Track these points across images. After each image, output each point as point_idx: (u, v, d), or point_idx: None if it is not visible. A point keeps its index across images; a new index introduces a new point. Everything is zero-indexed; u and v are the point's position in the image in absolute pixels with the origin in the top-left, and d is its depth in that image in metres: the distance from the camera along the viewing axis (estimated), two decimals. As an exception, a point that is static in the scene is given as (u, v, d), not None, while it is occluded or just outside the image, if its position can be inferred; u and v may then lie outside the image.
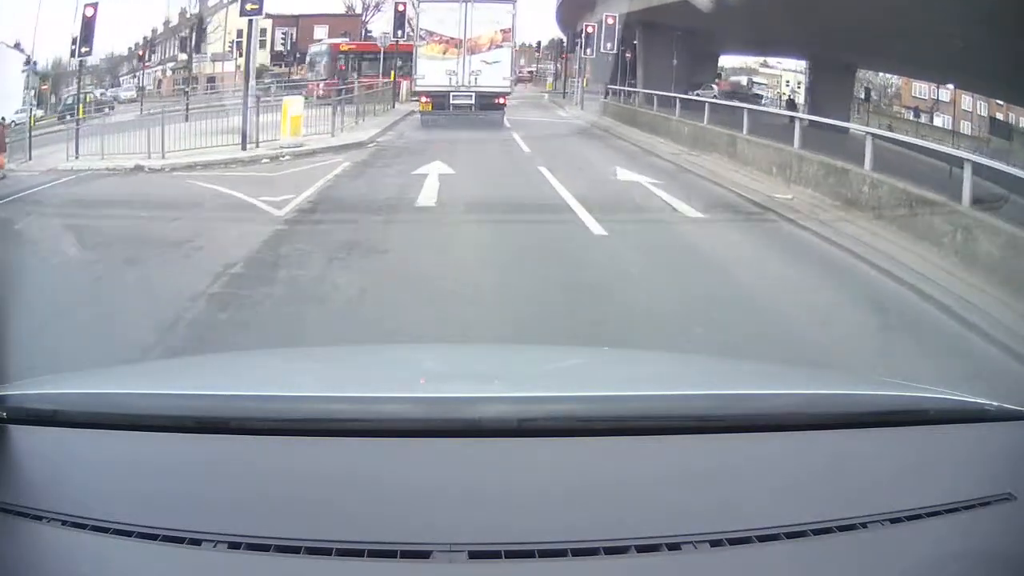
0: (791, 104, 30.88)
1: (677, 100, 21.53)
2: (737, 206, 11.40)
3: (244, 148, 16.13)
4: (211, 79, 36.70)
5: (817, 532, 1.26)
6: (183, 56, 34.84)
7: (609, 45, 28.25)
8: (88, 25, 17.66)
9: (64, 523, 1.24)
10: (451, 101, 22.60)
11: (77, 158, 15.27)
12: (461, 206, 10.67)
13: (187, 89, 30.37)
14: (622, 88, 30.40)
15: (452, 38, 22.96)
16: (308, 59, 33.99)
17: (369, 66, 29.96)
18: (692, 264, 8.09)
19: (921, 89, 30.83)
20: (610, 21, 28.12)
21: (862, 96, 32.44)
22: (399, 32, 27.45)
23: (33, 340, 4.69)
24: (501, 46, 23.22)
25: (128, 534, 1.22)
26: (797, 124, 14.08)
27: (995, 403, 1.66)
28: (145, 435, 1.47)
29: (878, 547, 1.27)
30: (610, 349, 4.03)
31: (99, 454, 1.46)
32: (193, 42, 33.52)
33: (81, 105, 19.93)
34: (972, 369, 5.39)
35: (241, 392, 1.71)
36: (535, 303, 6.35)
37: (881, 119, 28.55)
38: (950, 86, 27.20)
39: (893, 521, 1.30)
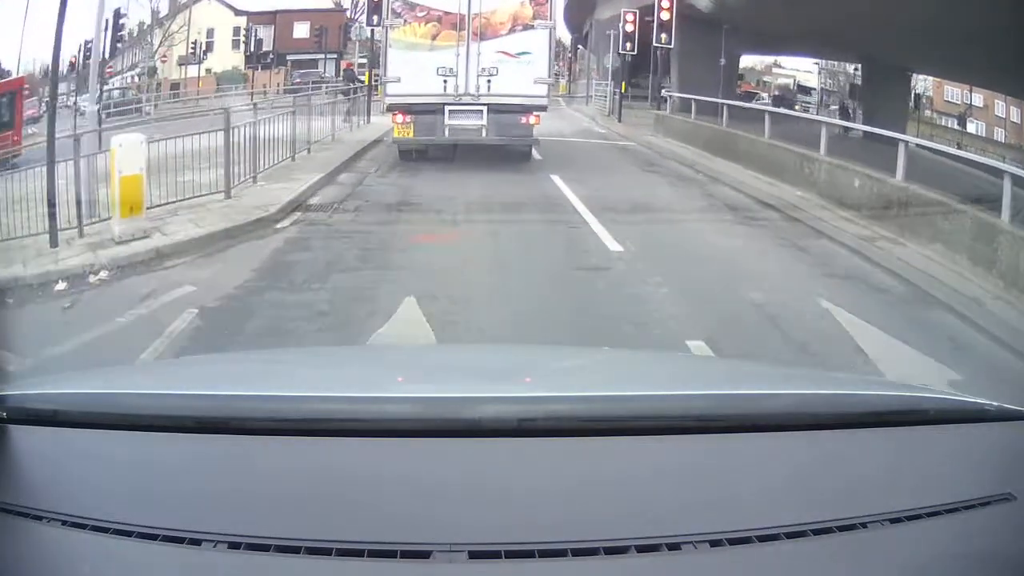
0: (844, 111, 27.49)
1: (823, 128, 12.72)
2: None
3: (54, 244, 8.00)
4: (175, 86, 32.21)
5: (817, 532, 1.26)
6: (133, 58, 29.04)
7: (664, 36, 21.45)
8: None
9: (64, 523, 1.25)
10: (446, 121, 13.51)
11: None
12: None
13: (98, 106, 22.47)
14: (691, 97, 20.51)
15: (447, 13, 13.63)
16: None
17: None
18: None
19: (953, 93, 27.58)
20: (666, 4, 21.40)
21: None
22: (375, 17, 17.49)
23: None
24: (532, 26, 13.68)
25: (128, 534, 1.22)
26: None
27: (995, 403, 1.67)
28: (145, 435, 1.47)
29: (878, 547, 1.27)
30: (610, 349, 4.03)
31: (99, 454, 1.45)
32: (105, 43, 25.99)
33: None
34: None
35: (241, 392, 1.71)
36: None
37: (924, 128, 25.60)
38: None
39: (893, 521, 1.30)
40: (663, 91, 24.09)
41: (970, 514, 1.34)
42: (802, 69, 36.70)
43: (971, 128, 25.90)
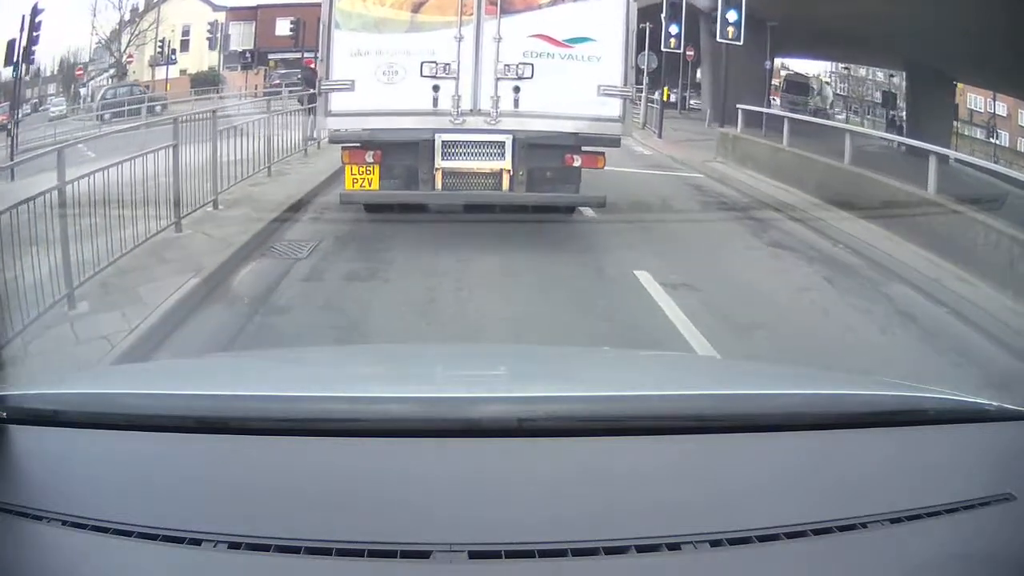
0: (893, 124, 25.32)
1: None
2: None
3: None
4: (146, 88, 29.54)
5: (817, 532, 1.26)
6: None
7: (732, 31, 16.60)
8: None
9: (64, 523, 1.24)
10: (438, 162, 7.66)
11: None
12: None
13: (12, 122, 19.21)
14: (790, 116, 14.99)
15: None
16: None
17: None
18: None
19: (977, 101, 25.60)
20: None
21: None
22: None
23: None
24: None
25: (128, 534, 1.21)
26: None
27: (995, 403, 1.67)
28: (145, 435, 1.47)
29: (878, 547, 1.27)
30: (610, 349, 4.03)
31: (99, 454, 1.45)
32: (21, 44, 20.22)
33: None
34: None
35: (241, 392, 1.70)
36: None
37: (963, 142, 23.32)
38: None
39: (893, 521, 1.30)
40: (738, 106, 16.70)
41: (970, 514, 1.35)
42: (811, 73, 35.22)
43: (993, 138, 24.26)
